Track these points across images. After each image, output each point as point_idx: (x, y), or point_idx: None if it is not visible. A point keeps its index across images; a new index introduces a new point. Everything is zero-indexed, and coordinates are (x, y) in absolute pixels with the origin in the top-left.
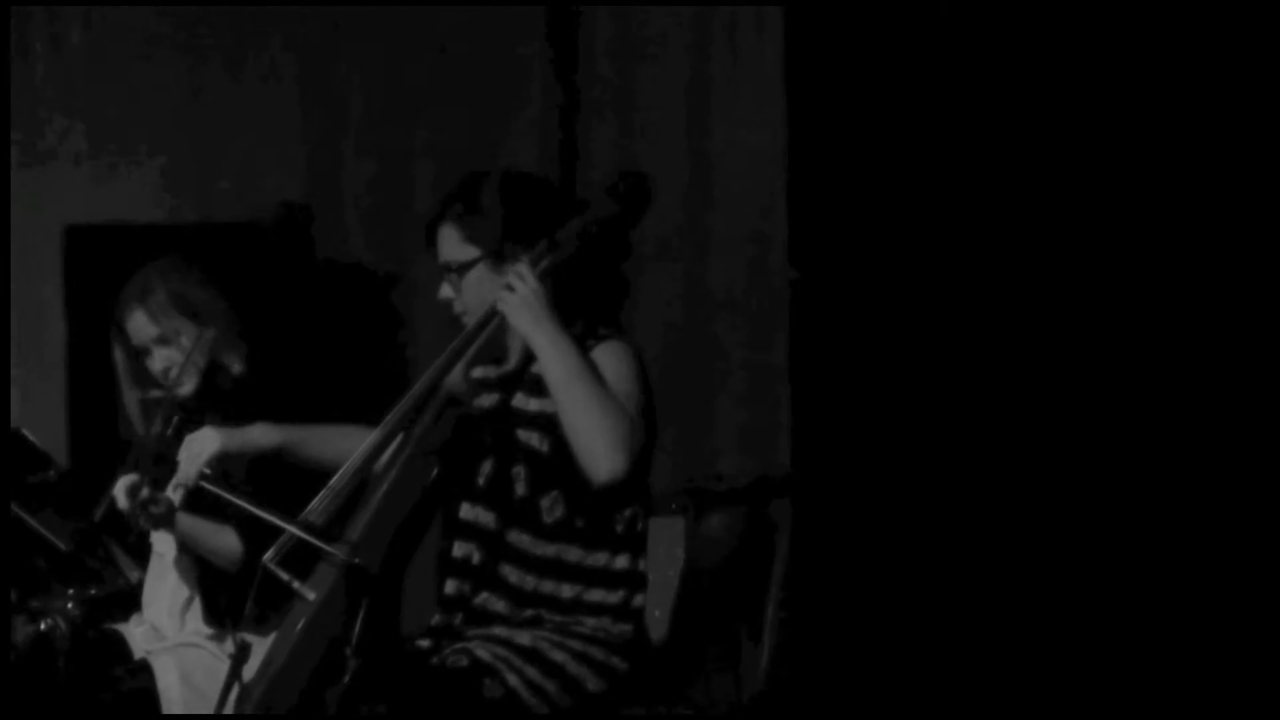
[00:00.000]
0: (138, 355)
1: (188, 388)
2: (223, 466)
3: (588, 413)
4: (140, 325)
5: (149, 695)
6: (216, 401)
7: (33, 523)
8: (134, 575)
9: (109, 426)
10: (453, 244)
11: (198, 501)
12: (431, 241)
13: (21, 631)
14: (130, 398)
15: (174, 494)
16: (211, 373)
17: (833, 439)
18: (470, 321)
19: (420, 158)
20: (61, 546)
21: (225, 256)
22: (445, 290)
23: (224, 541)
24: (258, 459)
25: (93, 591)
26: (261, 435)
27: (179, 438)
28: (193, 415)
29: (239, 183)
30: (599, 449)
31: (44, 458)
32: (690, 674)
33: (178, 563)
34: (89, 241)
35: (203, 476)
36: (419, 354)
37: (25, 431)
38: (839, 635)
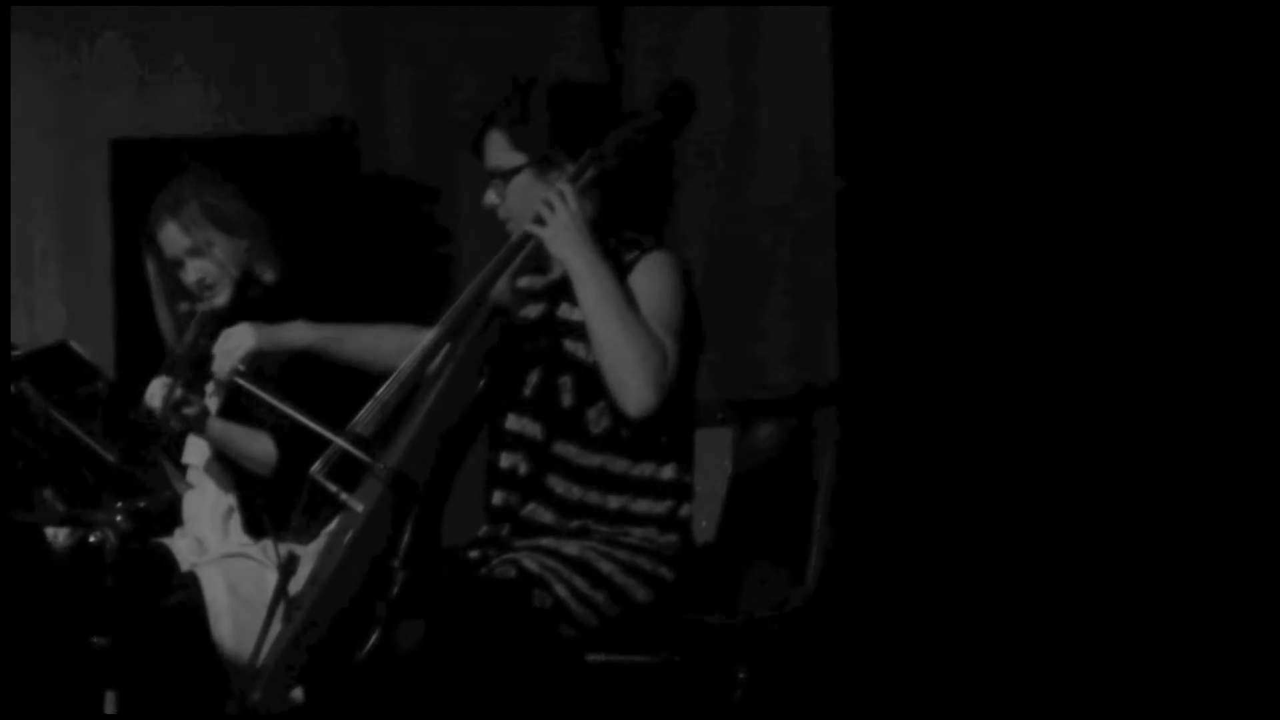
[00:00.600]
0: (170, 267)
1: (220, 298)
2: (258, 364)
3: (620, 345)
4: (172, 237)
5: (196, 607)
6: (249, 312)
7: (81, 435)
8: (182, 488)
9: (155, 339)
10: (499, 150)
11: (231, 406)
12: (479, 148)
13: (66, 540)
14: (163, 309)
15: (209, 398)
16: (244, 283)
17: (880, 349)
18: (515, 229)
19: (463, 68)
20: (109, 459)
21: (268, 168)
22: (490, 197)
23: (258, 446)
24: (294, 358)
25: (141, 504)
26: (298, 333)
27: (212, 348)
28: (225, 325)
29: (283, 95)
30: (630, 383)
31: (92, 370)
32: (737, 584)
33: (210, 470)
34: (134, 155)
35: (237, 373)
36: (464, 265)
37: (73, 344)
38: (886, 544)
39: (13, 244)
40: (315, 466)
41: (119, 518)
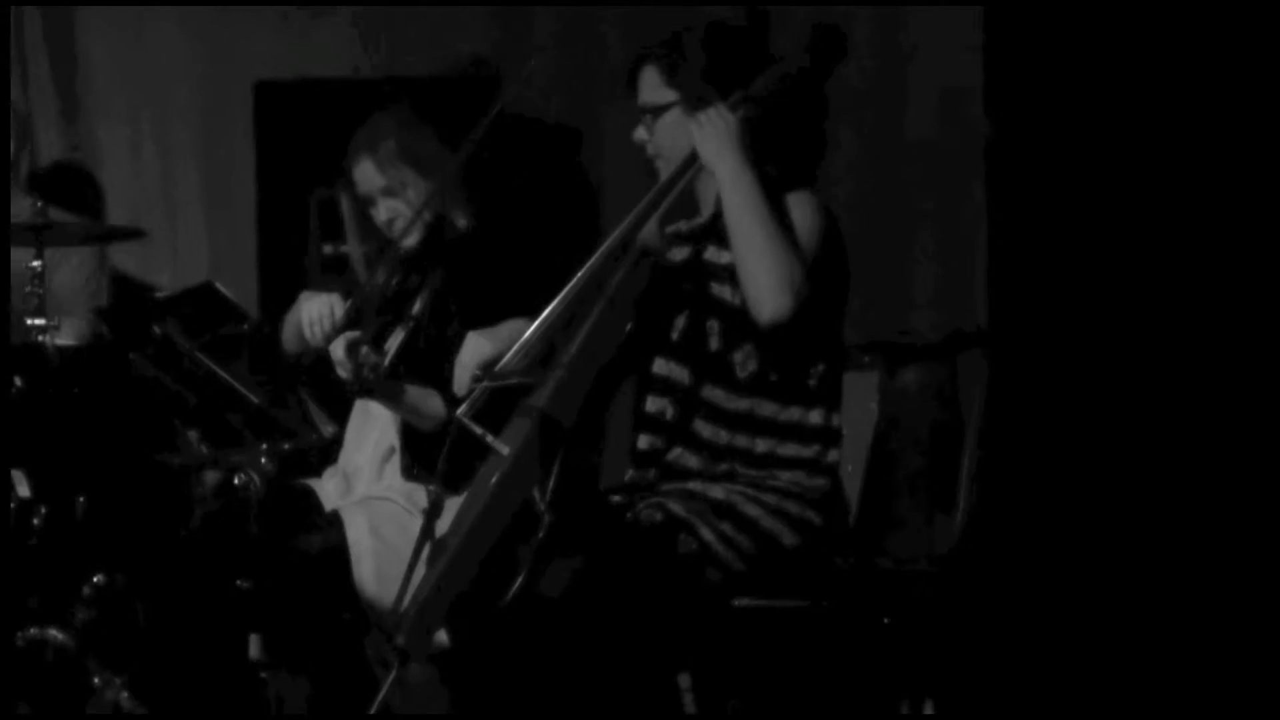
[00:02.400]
0: (363, 204)
1: (411, 240)
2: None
3: (757, 249)
4: (367, 174)
5: (339, 548)
6: (439, 255)
7: (225, 375)
8: (327, 430)
9: (299, 281)
10: (652, 86)
11: (406, 364)
12: (633, 82)
13: (210, 480)
14: (355, 244)
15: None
16: (436, 226)
17: (1028, 294)
18: (663, 165)
19: (608, 13)
20: (254, 400)
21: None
22: (640, 133)
23: (429, 404)
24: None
25: (285, 446)
26: (518, 327)
27: (401, 289)
28: (416, 267)
29: (426, 38)
30: (765, 284)
31: (236, 310)
32: (884, 530)
33: (377, 409)
34: (278, 97)
35: (476, 379)
36: (610, 208)
37: (218, 284)
38: (1035, 490)
39: (157, 186)
40: (461, 409)
41: (263, 460)
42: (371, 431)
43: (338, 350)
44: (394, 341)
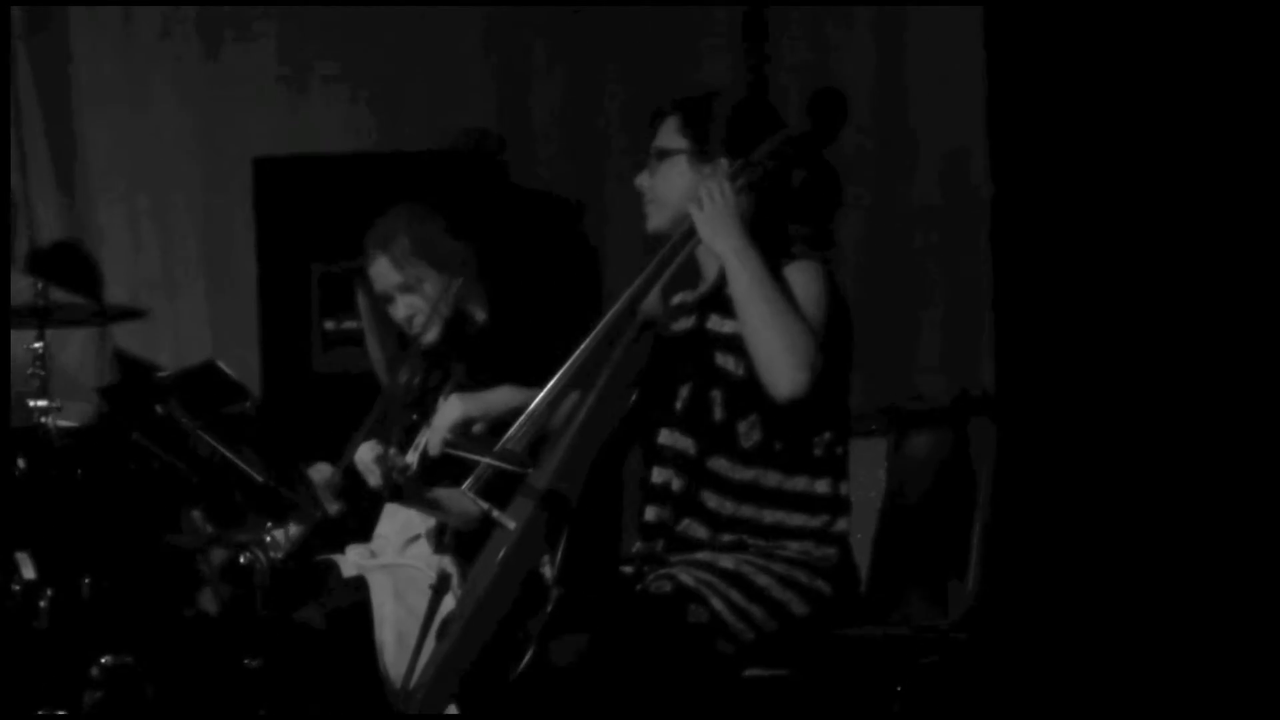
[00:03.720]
0: (381, 302)
1: (431, 335)
2: (467, 429)
3: (769, 327)
4: (383, 272)
5: (363, 606)
6: (461, 349)
7: (229, 454)
8: (332, 508)
9: (302, 358)
10: (669, 131)
11: (435, 470)
12: (653, 125)
13: (216, 559)
14: (374, 343)
15: (413, 458)
16: (457, 321)
17: (1037, 357)
18: (653, 212)
19: (611, 79)
20: (258, 478)
21: (414, 184)
22: (643, 178)
23: (460, 504)
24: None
25: (290, 525)
26: (505, 396)
27: (425, 386)
28: (438, 363)
29: (428, 111)
30: (780, 364)
31: (239, 389)
32: (896, 596)
33: None
34: (277, 173)
35: (447, 444)
36: (612, 281)
37: (220, 363)
38: (1045, 555)
39: (157, 264)
40: (466, 484)
41: (268, 538)
42: (398, 516)
43: (366, 457)
44: (422, 440)
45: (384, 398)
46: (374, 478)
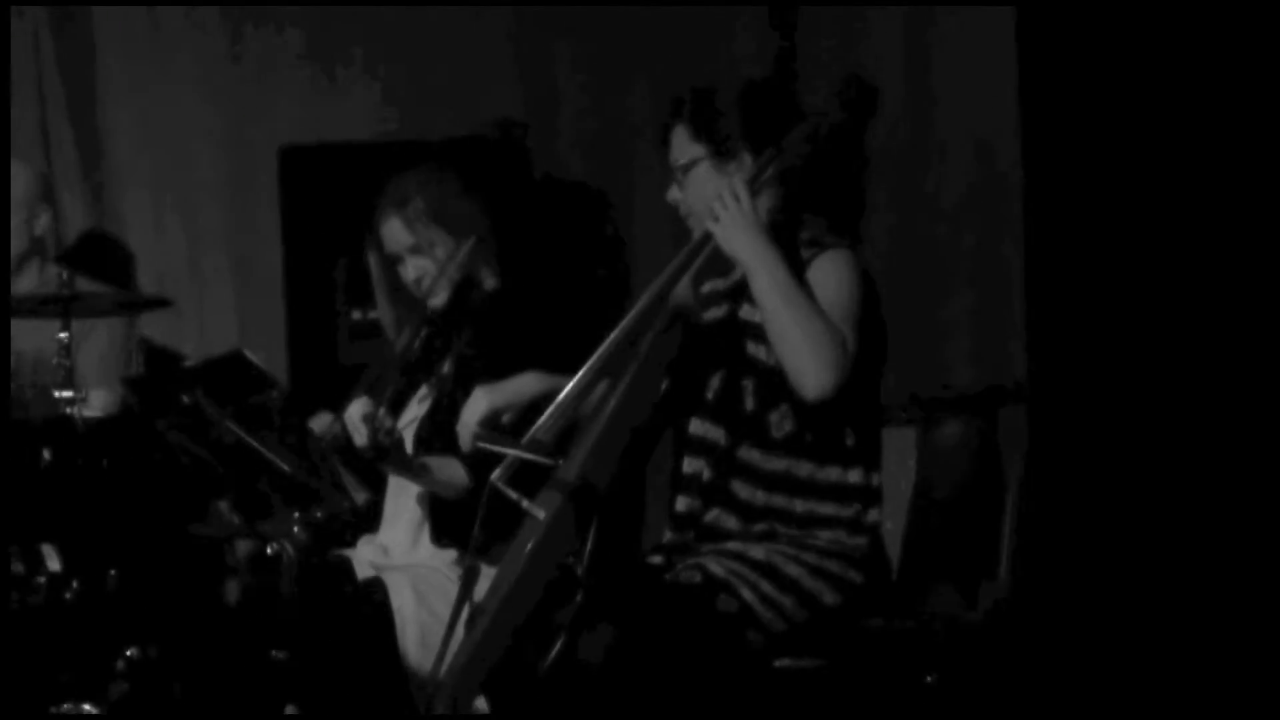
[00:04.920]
0: (390, 262)
1: (439, 299)
2: (496, 421)
3: (795, 333)
4: (395, 233)
5: (383, 610)
6: (467, 315)
7: (255, 444)
8: (360, 498)
9: (328, 347)
10: (682, 142)
11: (427, 437)
12: (665, 143)
13: (243, 550)
14: (384, 303)
15: (406, 426)
16: (465, 286)
17: (1069, 347)
18: (695, 224)
19: (635, 68)
20: (285, 468)
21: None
22: (673, 193)
23: (448, 472)
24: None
25: (318, 515)
26: (531, 386)
27: (427, 349)
28: (442, 328)
29: (454, 99)
30: (807, 369)
31: (265, 378)
32: (926, 588)
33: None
34: (304, 162)
35: (478, 438)
36: (638, 268)
37: (246, 352)
38: (1077, 544)
39: (183, 253)
40: (495, 474)
41: (295, 529)
42: (407, 501)
43: (355, 414)
44: (418, 405)
45: (383, 359)
46: (360, 436)
